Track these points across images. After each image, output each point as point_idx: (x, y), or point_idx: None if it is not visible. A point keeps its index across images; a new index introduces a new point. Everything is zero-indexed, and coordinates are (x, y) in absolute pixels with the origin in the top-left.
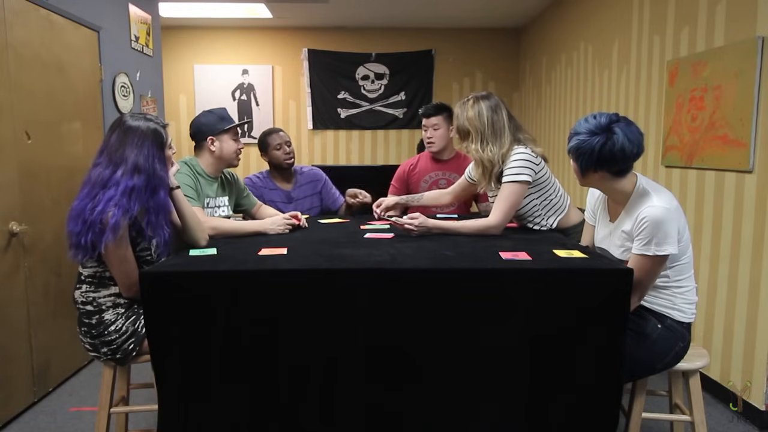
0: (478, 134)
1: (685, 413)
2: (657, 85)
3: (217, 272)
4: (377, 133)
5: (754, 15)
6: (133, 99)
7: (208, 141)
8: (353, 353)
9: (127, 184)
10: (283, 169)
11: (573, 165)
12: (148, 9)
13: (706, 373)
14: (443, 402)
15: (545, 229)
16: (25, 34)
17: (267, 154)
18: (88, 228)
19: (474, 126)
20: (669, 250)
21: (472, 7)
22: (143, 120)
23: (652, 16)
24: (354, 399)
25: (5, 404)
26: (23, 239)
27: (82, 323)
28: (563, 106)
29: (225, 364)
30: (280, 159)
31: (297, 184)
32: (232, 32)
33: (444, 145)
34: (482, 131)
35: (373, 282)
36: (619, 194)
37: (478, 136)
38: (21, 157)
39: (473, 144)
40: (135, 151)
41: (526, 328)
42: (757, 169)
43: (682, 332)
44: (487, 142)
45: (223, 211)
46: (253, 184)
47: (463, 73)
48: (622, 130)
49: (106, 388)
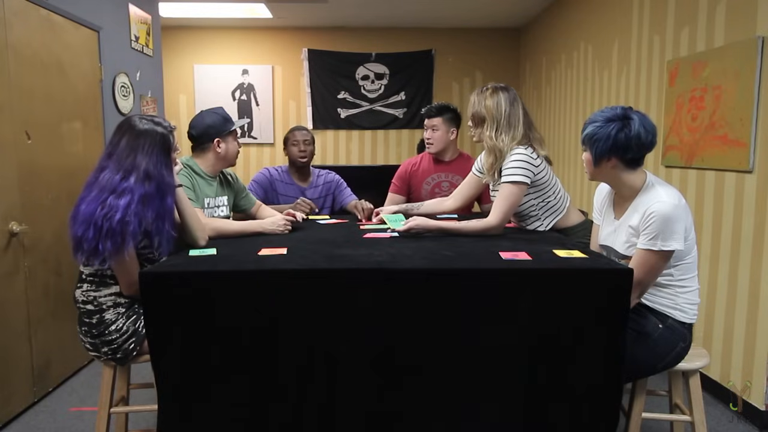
0: (494, 122)
1: (685, 413)
2: (657, 85)
3: (216, 272)
4: (377, 133)
5: (754, 15)
6: (133, 99)
7: (215, 142)
8: (353, 353)
9: (142, 192)
10: (299, 167)
11: (585, 156)
12: (148, 9)
13: (706, 373)
14: (443, 402)
15: (540, 229)
16: (25, 34)
17: (286, 148)
18: (106, 235)
19: (491, 114)
20: (675, 246)
21: (472, 7)
22: (152, 124)
23: (652, 16)
24: (354, 399)
25: (5, 404)
26: (23, 239)
27: (82, 323)
28: (563, 106)
29: (225, 364)
30: (295, 155)
31: (312, 185)
32: (232, 32)
33: (442, 146)
34: (498, 120)
35: (373, 282)
36: (628, 188)
37: (494, 125)
38: (21, 157)
39: (488, 131)
40: (146, 158)
41: (526, 328)
42: (757, 169)
43: (683, 332)
44: (501, 132)
45: (223, 211)
46: (270, 175)
47: (463, 73)
48: (639, 119)
49: (106, 388)
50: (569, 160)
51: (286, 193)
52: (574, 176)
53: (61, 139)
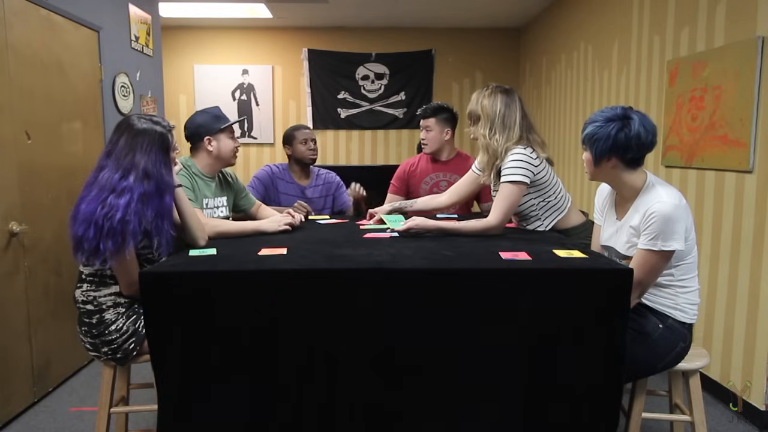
0: (487, 122)
1: (685, 413)
2: (657, 85)
3: (216, 272)
4: (377, 133)
5: (754, 15)
6: (133, 99)
7: (205, 141)
8: (353, 353)
9: (141, 191)
10: (304, 165)
11: (586, 156)
12: (148, 9)
13: (706, 373)
14: (443, 402)
15: (541, 229)
16: (25, 34)
17: (291, 147)
18: (107, 235)
19: (486, 113)
20: (675, 246)
21: (472, 7)
22: (151, 123)
23: (652, 16)
24: (354, 398)
25: (5, 404)
26: (23, 239)
27: (82, 323)
28: (563, 106)
29: (225, 364)
30: (305, 154)
31: (312, 184)
32: (232, 32)
33: (437, 147)
34: (492, 120)
35: (372, 282)
36: (629, 189)
37: (488, 124)
38: (21, 157)
39: (482, 129)
40: (145, 157)
41: (526, 328)
42: (757, 169)
43: (683, 332)
44: (495, 131)
45: (222, 211)
46: (272, 172)
47: (463, 73)
48: (639, 118)
49: (106, 388)
50: (569, 160)
51: (286, 191)
52: (575, 176)
53: (61, 139)
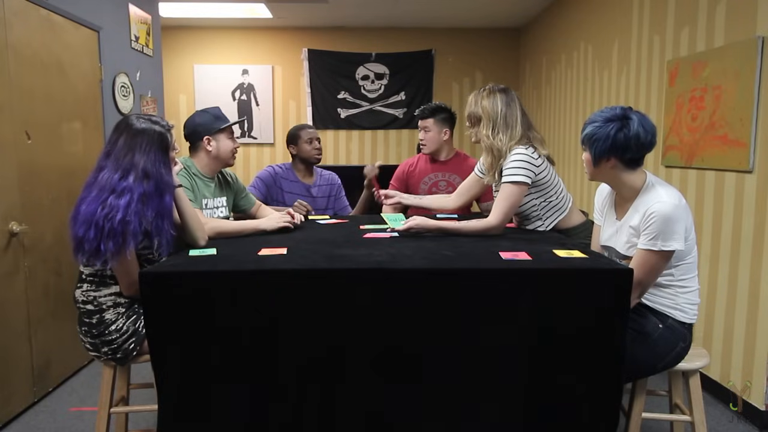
0: (490, 122)
1: (685, 413)
2: (657, 85)
3: (216, 272)
4: (377, 133)
5: (754, 15)
6: (133, 99)
7: (204, 141)
8: (353, 353)
9: (141, 191)
10: (308, 164)
11: (585, 157)
12: (148, 9)
13: (706, 373)
14: (443, 402)
15: (542, 229)
16: (25, 34)
17: (296, 146)
18: (108, 236)
19: (487, 114)
20: (675, 246)
21: (472, 7)
22: (149, 123)
23: (652, 16)
24: (354, 398)
25: (5, 404)
26: (23, 239)
27: (82, 323)
28: (563, 106)
29: (225, 365)
30: (310, 153)
31: (317, 183)
32: (232, 32)
33: (435, 147)
34: (495, 120)
35: (373, 282)
36: (629, 189)
37: (490, 124)
38: (21, 157)
39: (485, 130)
40: (144, 157)
41: (526, 328)
42: (757, 169)
43: (683, 332)
44: (498, 131)
45: (222, 211)
46: (275, 172)
47: (463, 73)
48: (638, 119)
49: (106, 388)
50: (569, 160)
51: (291, 190)
52: (575, 176)
53: (61, 139)
